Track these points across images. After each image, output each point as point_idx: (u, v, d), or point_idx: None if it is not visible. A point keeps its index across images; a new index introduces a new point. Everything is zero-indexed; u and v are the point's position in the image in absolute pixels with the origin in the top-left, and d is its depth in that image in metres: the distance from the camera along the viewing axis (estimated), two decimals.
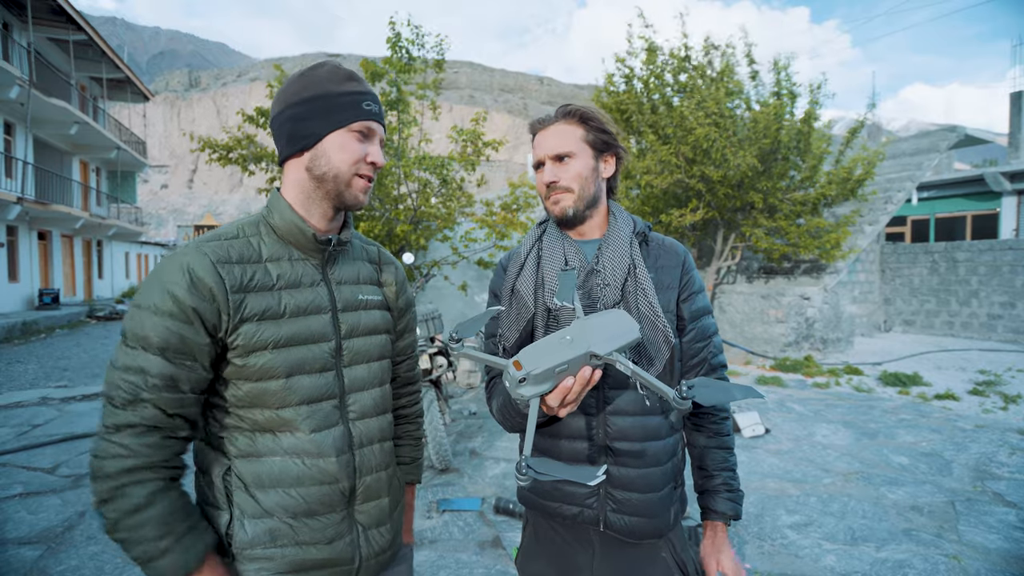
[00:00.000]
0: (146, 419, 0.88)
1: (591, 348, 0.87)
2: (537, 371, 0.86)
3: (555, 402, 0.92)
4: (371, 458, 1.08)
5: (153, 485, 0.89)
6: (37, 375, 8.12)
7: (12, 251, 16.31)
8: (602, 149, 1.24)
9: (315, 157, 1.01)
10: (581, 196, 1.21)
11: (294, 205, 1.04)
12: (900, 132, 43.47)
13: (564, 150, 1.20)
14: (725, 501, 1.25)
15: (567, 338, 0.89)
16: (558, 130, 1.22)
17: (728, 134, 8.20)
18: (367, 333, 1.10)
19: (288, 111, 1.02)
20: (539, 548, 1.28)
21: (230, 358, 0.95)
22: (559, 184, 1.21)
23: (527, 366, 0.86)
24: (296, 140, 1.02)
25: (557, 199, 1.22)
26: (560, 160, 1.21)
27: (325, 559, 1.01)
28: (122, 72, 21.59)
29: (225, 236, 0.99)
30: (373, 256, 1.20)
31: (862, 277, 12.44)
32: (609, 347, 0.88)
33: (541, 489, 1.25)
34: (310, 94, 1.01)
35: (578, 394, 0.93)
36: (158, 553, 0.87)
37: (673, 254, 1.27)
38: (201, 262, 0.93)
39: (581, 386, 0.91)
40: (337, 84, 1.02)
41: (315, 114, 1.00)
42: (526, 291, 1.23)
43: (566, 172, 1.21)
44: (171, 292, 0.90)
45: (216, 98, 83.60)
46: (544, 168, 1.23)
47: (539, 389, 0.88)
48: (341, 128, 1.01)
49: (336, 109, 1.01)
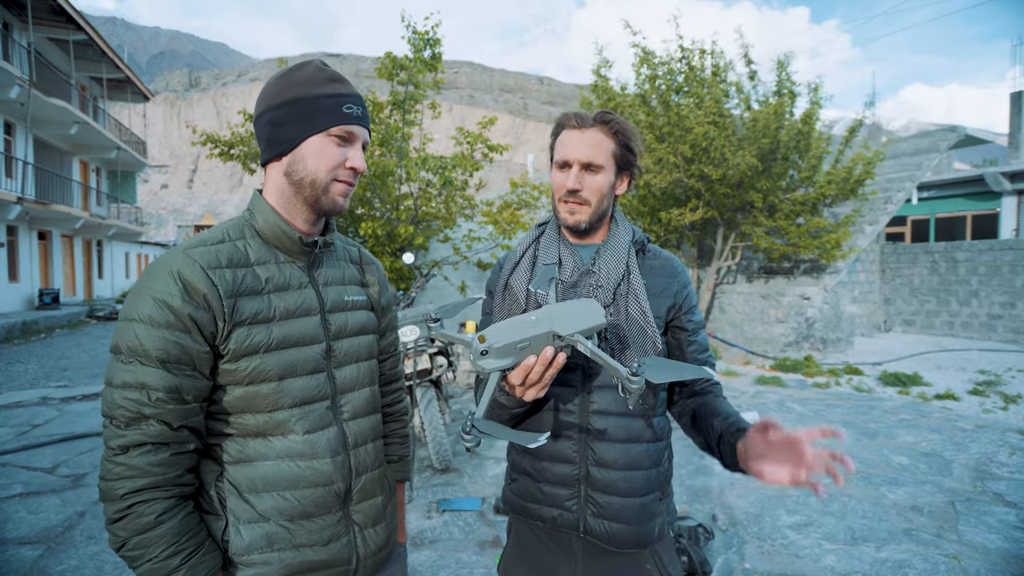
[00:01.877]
0: (152, 436, 0.87)
1: (553, 328, 0.90)
2: (498, 344, 0.90)
3: (517, 380, 0.93)
4: (366, 458, 1.08)
5: (163, 504, 0.88)
6: (37, 375, 8.12)
7: (12, 251, 16.32)
8: (622, 167, 1.22)
9: (293, 162, 0.99)
10: (596, 211, 1.20)
11: (276, 208, 1.03)
12: (900, 132, 43.40)
13: (597, 161, 1.17)
14: None
15: (532, 318, 0.93)
16: (595, 138, 1.18)
17: (727, 133, 8.20)
18: (355, 333, 1.10)
19: (268, 114, 1.00)
20: (521, 555, 1.27)
21: (221, 363, 0.93)
22: (581, 194, 1.18)
23: (490, 340, 0.91)
24: (274, 144, 1.00)
25: (574, 210, 1.19)
26: (588, 169, 1.18)
27: (323, 561, 1.00)
28: (122, 72, 21.60)
29: (211, 241, 0.97)
30: (355, 257, 1.20)
31: (862, 277, 12.44)
32: (572, 329, 0.90)
33: (523, 491, 1.24)
34: (289, 97, 0.98)
35: (540, 374, 0.94)
36: (167, 572, 0.87)
37: (669, 265, 1.28)
38: (191, 268, 0.91)
39: (543, 366, 0.92)
40: (318, 86, 0.99)
41: (293, 118, 0.98)
42: (519, 288, 1.23)
43: (591, 184, 1.18)
44: (165, 302, 0.88)
45: (216, 98, 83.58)
46: (570, 171, 1.18)
47: (500, 363, 0.92)
48: (319, 132, 0.98)
49: (315, 113, 0.98)
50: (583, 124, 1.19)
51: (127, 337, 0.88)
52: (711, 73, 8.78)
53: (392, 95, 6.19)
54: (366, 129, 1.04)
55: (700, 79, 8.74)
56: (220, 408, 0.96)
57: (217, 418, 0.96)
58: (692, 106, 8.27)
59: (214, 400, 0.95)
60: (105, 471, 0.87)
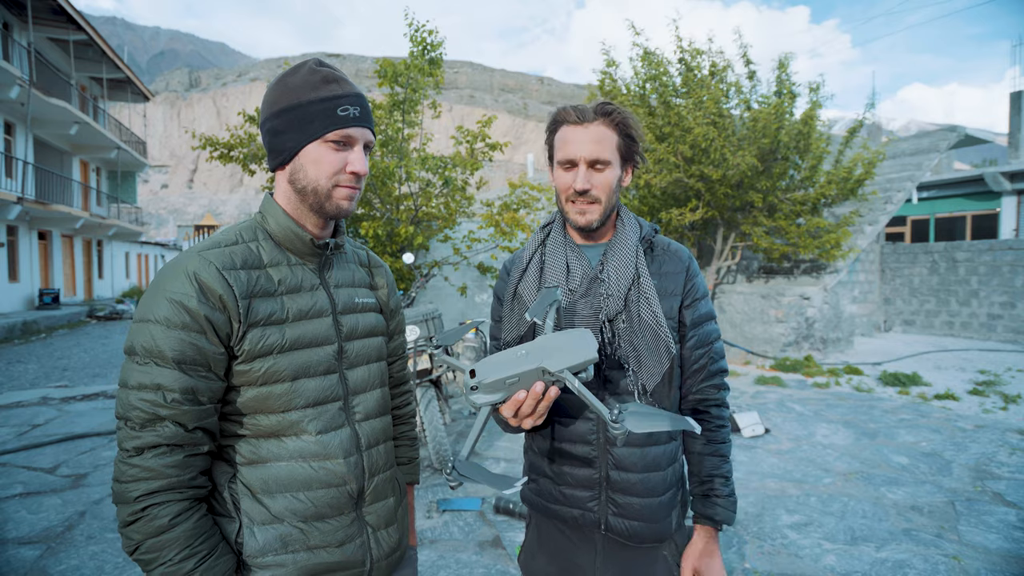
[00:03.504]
0: (167, 438, 0.87)
1: (542, 364, 0.90)
2: (487, 381, 0.90)
3: (508, 412, 0.93)
4: (378, 459, 1.09)
5: (177, 506, 0.87)
6: (37, 375, 8.13)
7: (12, 251, 16.32)
8: (627, 159, 1.18)
9: (294, 171, 0.99)
10: (606, 208, 1.16)
11: (287, 211, 1.03)
12: (900, 132, 43.40)
13: (604, 157, 1.12)
14: (715, 506, 1.22)
15: (522, 352, 0.93)
16: (599, 133, 1.13)
17: (727, 134, 8.20)
18: (366, 335, 1.11)
19: (268, 123, 1.00)
20: (542, 546, 1.28)
21: (235, 364, 0.94)
22: (591, 193, 1.14)
23: (479, 375, 0.91)
24: (275, 154, 1.01)
25: (584, 210, 1.15)
26: (595, 166, 1.13)
27: (337, 562, 1.00)
28: (122, 72, 21.60)
29: (225, 243, 0.97)
30: (364, 259, 1.21)
31: (862, 277, 12.44)
32: (561, 364, 0.90)
33: (544, 492, 1.25)
34: (283, 105, 0.98)
35: (532, 407, 0.93)
36: (180, 575, 0.87)
37: (677, 260, 1.24)
38: (207, 270, 0.91)
39: (534, 400, 0.92)
40: (311, 91, 0.96)
41: (289, 127, 0.97)
42: (528, 296, 1.21)
43: (600, 181, 1.13)
44: (181, 303, 0.88)
45: (216, 98, 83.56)
46: (578, 171, 1.13)
47: (490, 398, 0.92)
48: (315, 140, 0.97)
49: (309, 120, 0.96)
50: (585, 119, 1.13)
51: (143, 338, 0.88)
52: (708, 73, 8.78)
53: (391, 96, 6.19)
54: (367, 129, 1.01)
55: (699, 80, 8.74)
56: (233, 409, 0.96)
57: (230, 419, 0.97)
58: (692, 107, 8.27)
59: (227, 401, 0.95)
60: (119, 473, 0.87)
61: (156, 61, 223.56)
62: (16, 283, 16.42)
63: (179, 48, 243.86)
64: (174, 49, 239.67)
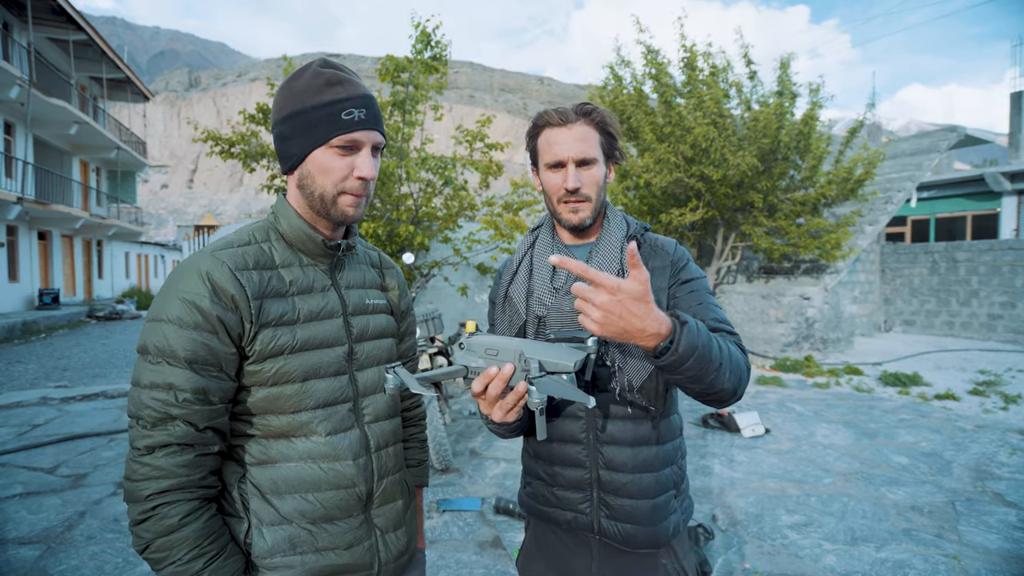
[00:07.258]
0: (178, 437, 0.87)
1: (522, 349, 0.92)
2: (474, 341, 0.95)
3: (477, 387, 0.93)
4: (387, 461, 1.09)
5: (188, 506, 0.88)
6: (37, 375, 8.13)
7: (12, 251, 16.32)
8: (609, 156, 1.21)
9: (302, 176, 0.99)
10: (596, 204, 1.18)
11: (299, 212, 1.03)
12: (900, 132, 43.45)
13: (589, 155, 1.14)
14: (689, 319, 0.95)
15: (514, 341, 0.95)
16: (583, 132, 1.15)
17: (728, 134, 8.20)
18: (376, 337, 1.11)
19: (276, 129, 1.00)
20: (540, 550, 1.28)
21: (246, 365, 0.94)
22: (581, 191, 1.15)
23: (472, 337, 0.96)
24: (283, 160, 1.01)
25: (576, 208, 1.17)
26: (582, 165, 1.15)
27: (345, 565, 1.00)
28: (122, 72, 21.59)
29: (238, 243, 0.97)
30: (375, 261, 1.20)
31: (862, 277, 12.44)
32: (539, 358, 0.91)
33: (537, 495, 1.26)
34: (288, 111, 0.97)
35: (499, 389, 0.91)
36: (190, 575, 0.87)
37: (663, 254, 1.22)
38: (220, 270, 0.91)
39: (501, 381, 0.91)
40: (314, 95, 0.95)
41: (294, 133, 0.97)
42: (518, 298, 1.23)
43: (588, 179, 1.15)
44: (194, 303, 0.88)
45: (216, 98, 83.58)
46: (567, 171, 1.15)
47: (467, 359, 0.96)
48: (320, 146, 0.96)
49: (313, 126, 0.95)
50: (568, 120, 1.15)
51: (155, 338, 0.88)
52: (709, 74, 8.78)
53: (392, 95, 6.18)
54: (374, 131, 0.99)
55: (700, 80, 8.74)
56: (244, 409, 0.96)
57: (241, 419, 0.97)
58: (692, 107, 8.27)
59: (238, 401, 0.95)
60: (130, 472, 0.87)
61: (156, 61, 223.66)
62: (16, 283, 16.42)
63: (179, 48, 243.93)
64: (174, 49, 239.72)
